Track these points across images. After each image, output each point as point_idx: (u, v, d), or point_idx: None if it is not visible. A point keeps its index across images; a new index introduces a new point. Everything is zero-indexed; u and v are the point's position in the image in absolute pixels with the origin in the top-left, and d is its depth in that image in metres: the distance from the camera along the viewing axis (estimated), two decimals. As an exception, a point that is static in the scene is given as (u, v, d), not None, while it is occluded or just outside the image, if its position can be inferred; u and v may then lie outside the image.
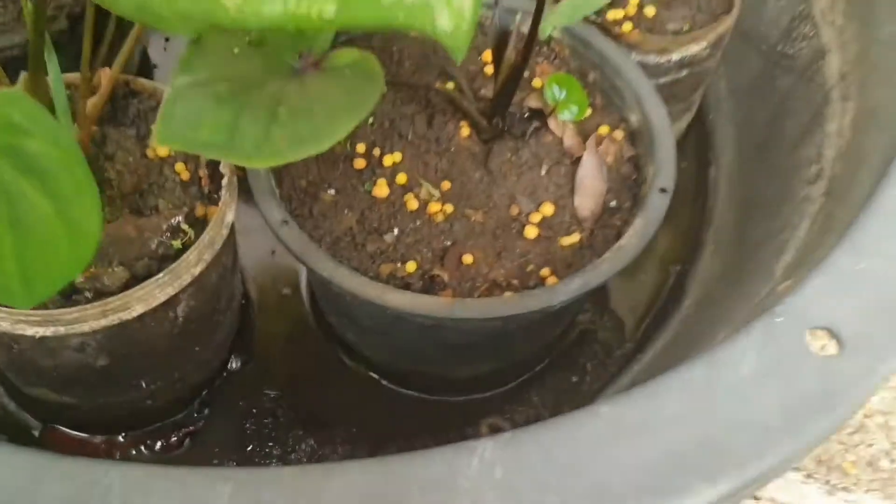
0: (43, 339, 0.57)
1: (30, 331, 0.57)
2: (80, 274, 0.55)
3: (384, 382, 0.74)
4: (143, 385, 0.67)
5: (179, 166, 0.66)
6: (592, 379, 0.77)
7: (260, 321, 0.79)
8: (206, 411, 0.73)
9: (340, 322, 0.73)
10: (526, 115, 0.70)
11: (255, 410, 0.73)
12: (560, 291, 0.59)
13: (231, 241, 0.66)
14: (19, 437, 0.71)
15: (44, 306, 0.57)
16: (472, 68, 0.75)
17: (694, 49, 0.79)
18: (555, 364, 0.77)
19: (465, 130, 0.69)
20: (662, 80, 0.80)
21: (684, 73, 0.81)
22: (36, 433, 0.71)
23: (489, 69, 0.74)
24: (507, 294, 0.61)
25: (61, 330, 0.57)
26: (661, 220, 0.64)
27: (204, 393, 0.73)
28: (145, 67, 0.91)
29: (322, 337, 0.77)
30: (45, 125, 0.42)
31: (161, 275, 0.58)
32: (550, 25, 0.63)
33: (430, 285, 0.62)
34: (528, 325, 0.65)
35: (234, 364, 0.76)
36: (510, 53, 0.64)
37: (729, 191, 0.89)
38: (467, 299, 0.59)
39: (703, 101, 0.92)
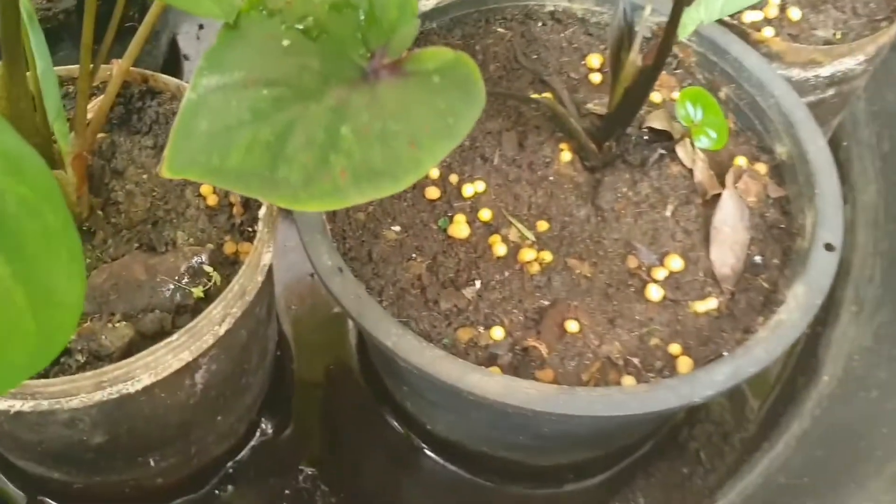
0: (18, 413, 0.44)
1: (1, 404, 0.43)
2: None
3: (449, 465, 0.59)
4: (152, 463, 0.53)
5: (206, 189, 0.52)
6: (707, 471, 0.61)
7: (298, 371, 0.64)
8: (230, 489, 0.59)
9: (397, 387, 0.58)
10: (646, 139, 0.55)
11: (287, 491, 0.59)
12: (703, 383, 0.44)
13: (268, 285, 0.52)
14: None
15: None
16: (572, 75, 0.60)
17: (848, 63, 0.63)
18: (660, 449, 0.62)
19: (567, 155, 0.55)
20: (805, 100, 0.64)
21: (831, 92, 0.65)
22: (20, 508, 0.58)
23: (595, 77, 0.60)
24: (628, 381, 0.46)
25: (43, 405, 0.43)
26: (829, 287, 0.48)
27: (228, 465, 0.59)
28: (173, 60, 0.77)
29: (373, 398, 0.63)
30: (5, 146, 0.27)
31: (175, 336, 0.44)
32: (694, 22, 0.48)
33: (522, 360, 0.47)
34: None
35: (265, 428, 0.61)
36: (635, 58, 0.49)
37: (871, 237, 0.73)
38: (577, 389, 0.44)
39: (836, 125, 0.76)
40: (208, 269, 0.48)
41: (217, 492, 0.59)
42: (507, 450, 0.56)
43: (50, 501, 0.58)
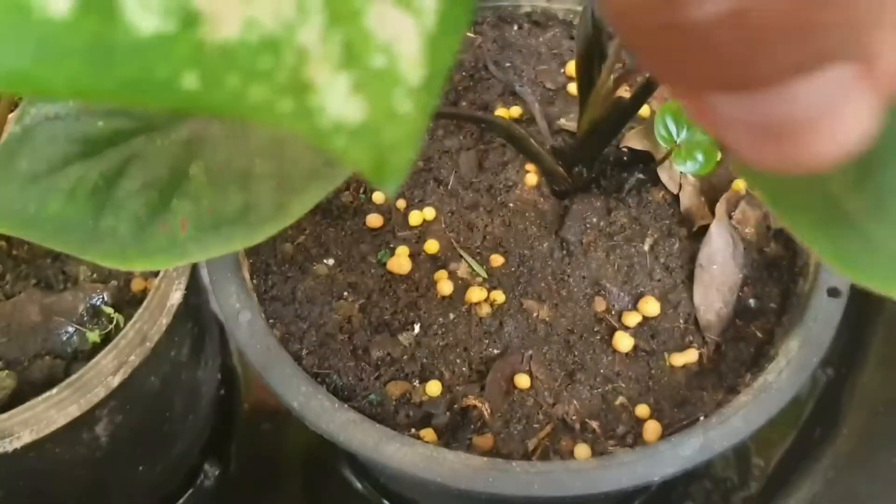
0: None
1: None
2: None
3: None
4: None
5: (118, 216, 0.46)
6: (703, 536, 0.54)
7: (248, 413, 0.59)
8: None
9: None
10: (624, 160, 0.48)
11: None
12: (665, 459, 0.37)
13: (185, 326, 0.46)
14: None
15: None
16: (548, 85, 0.53)
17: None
18: (649, 508, 0.54)
19: (533, 178, 0.48)
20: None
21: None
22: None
23: (573, 87, 0.52)
24: (582, 451, 0.39)
25: None
26: (830, 341, 0.40)
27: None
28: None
29: (327, 443, 0.56)
30: None
31: (55, 391, 0.39)
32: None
33: (461, 421, 0.40)
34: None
35: (208, 473, 0.56)
36: (606, 79, 0.42)
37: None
38: (512, 464, 0.37)
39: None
40: (108, 309, 0.42)
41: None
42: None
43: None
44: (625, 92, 0.44)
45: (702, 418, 0.40)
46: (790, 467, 0.56)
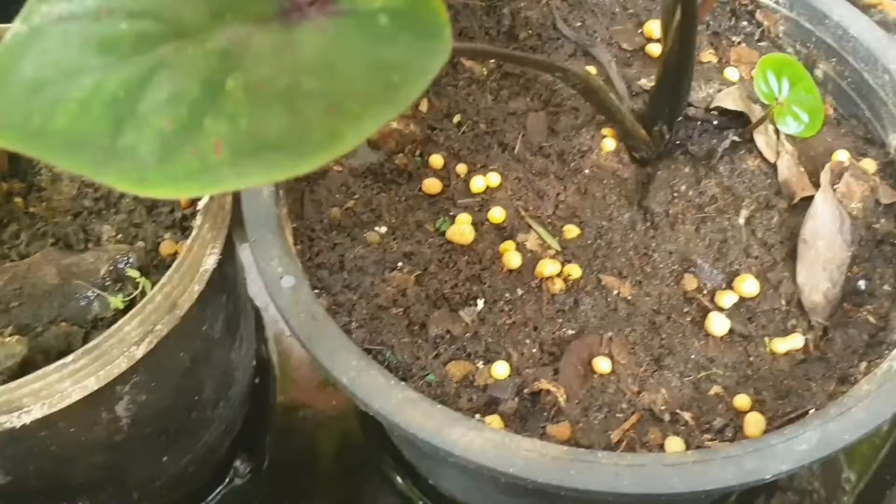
0: None
1: None
2: None
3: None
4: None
5: None
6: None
7: (283, 406, 0.54)
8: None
9: (393, 431, 0.47)
10: (715, 123, 0.43)
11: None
12: (777, 454, 0.31)
13: (220, 297, 0.41)
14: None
15: None
16: (625, 46, 0.48)
17: None
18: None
19: (611, 143, 0.42)
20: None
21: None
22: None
23: (654, 48, 0.47)
24: (674, 444, 0.34)
25: None
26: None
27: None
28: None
29: (370, 442, 0.51)
30: None
31: (70, 358, 0.34)
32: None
33: (531, 408, 0.35)
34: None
35: (237, 473, 0.51)
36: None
37: None
38: (598, 454, 0.31)
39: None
40: (134, 273, 0.38)
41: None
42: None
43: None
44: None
45: (812, 410, 0.34)
46: (885, 483, 0.50)
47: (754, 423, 0.34)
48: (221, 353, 0.44)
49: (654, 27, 0.48)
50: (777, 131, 0.42)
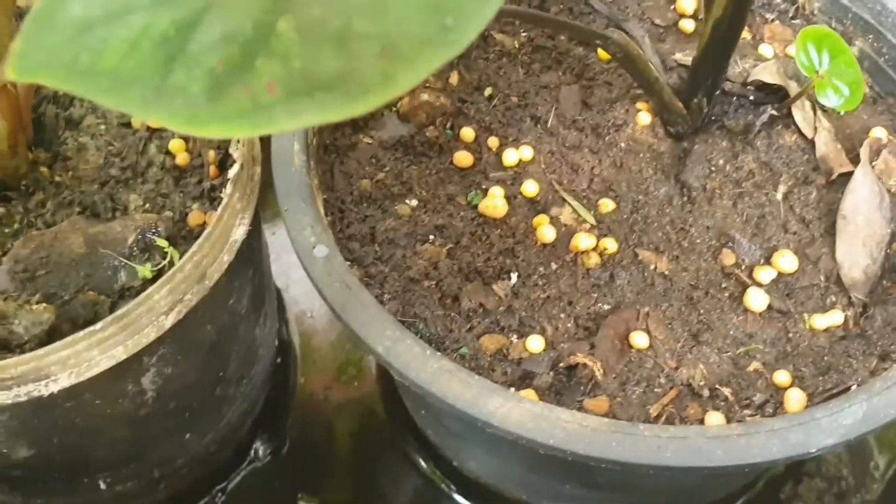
0: None
1: None
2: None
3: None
4: (102, 486, 0.43)
5: (176, 144, 0.41)
6: (819, 541, 0.47)
7: (304, 387, 0.53)
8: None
9: (417, 411, 0.46)
10: (751, 99, 0.42)
11: (279, 531, 0.47)
12: (823, 427, 0.30)
13: (247, 270, 0.41)
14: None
15: None
16: (658, 22, 0.47)
17: None
18: (756, 508, 0.48)
19: (646, 117, 0.42)
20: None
21: None
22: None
23: (687, 24, 0.46)
24: (714, 419, 0.33)
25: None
26: None
27: (209, 496, 0.48)
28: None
29: (392, 423, 0.51)
30: None
31: (99, 325, 0.33)
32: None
33: (567, 382, 0.34)
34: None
35: (257, 453, 0.50)
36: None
37: None
38: (639, 427, 0.30)
39: None
40: (162, 242, 0.37)
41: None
42: (551, 501, 0.42)
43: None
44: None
45: (854, 387, 0.34)
46: (917, 469, 0.50)
47: (795, 398, 0.34)
48: (247, 328, 0.43)
49: (686, 3, 0.47)
50: (814, 107, 0.41)
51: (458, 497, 0.48)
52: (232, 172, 0.37)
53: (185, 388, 0.40)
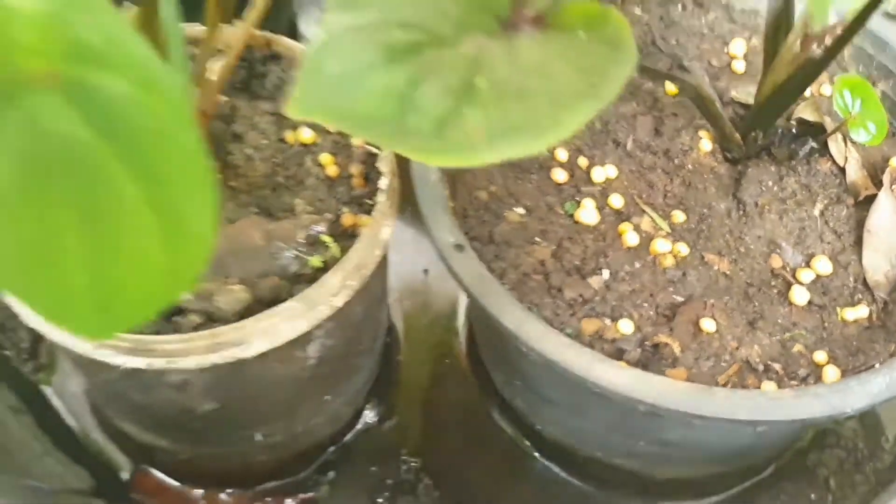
0: (133, 371, 0.43)
1: (116, 359, 0.42)
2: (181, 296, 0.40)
3: (556, 469, 0.56)
4: (257, 437, 0.52)
5: (326, 158, 0.50)
6: (836, 499, 0.56)
7: (405, 363, 0.62)
8: (331, 475, 0.57)
9: (509, 382, 0.56)
10: (794, 132, 0.51)
11: (389, 481, 0.57)
12: (856, 392, 0.40)
13: (384, 263, 0.50)
14: (106, 481, 0.57)
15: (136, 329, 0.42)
16: (713, 63, 0.56)
17: None
18: (784, 472, 0.57)
19: (707, 144, 0.51)
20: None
21: None
22: (125, 476, 0.57)
23: (738, 65, 0.56)
24: (769, 387, 0.42)
25: (157, 363, 0.42)
26: None
27: (330, 451, 0.58)
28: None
29: (480, 394, 0.60)
30: (136, 56, 0.26)
31: (292, 301, 0.43)
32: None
33: (652, 356, 0.44)
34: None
35: (369, 417, 0.59)
36: (792, 44, 0.45)
37: None
38: (716, 389, 0.40)
39: None
40: (326, 238, 0.46)
41: (318, 475, 0.57)
42: (623, 457, 0.52)
43: (154, 472, 0.57)
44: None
45: (877, 365, 0.43)
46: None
47: (831, 374, 0.43)
48: (377, 310, 0.53)
49: (736, 48, 0.56)
50: (845, 139, 0.51)
51: (539, 456, 0.57)
52: (384, 184, 0.46)
53: (335, 357, 0.49)
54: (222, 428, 0.50)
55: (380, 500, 0.56)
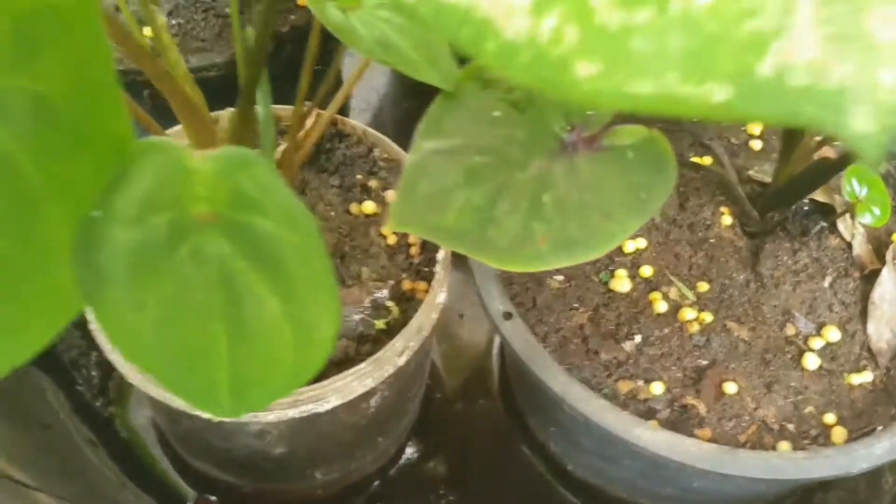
0: (220, 422, 0.48)
1: (205, 413, 0.48)
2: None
3: (584, 506, 0.62)
4: (317, 476, 0.58)
5: (387, 229, 0.56)
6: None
7: (442, 403, 0.68)
8: (376, 505, 0.63)
9: (543, 428, 0.61)
10: (806, 209, 0.57)
11: (429, 515, 0.62)
12: (860, 456, 0.45)
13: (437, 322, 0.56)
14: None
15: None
16: (732, 140, 0.62)
17: None
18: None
19: (728, 219, 0.57)
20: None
21: None
22: None
23: (755, 144, 0.61)
24: (784, 446, 0.48)
25: (243, 417, 0.47)
26: None
27: (376, 484, 0.63)
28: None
29: (513, 433, 0.65)
30: (282, 201, 0.32)
31: (363, 365, 0.48)
32: None
33: (680, 416, 0.49)
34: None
35: (410, 453, 0.65)
36: (809, 141, 0.51)
37: None
38: (738, 451, 0.46)
39: None
40: (389, 303, 0.52)
41: (363, 509, 0.63)
42: (647, 499, 0.58)
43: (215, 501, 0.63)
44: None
45: (879, 428, 0.49)
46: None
47: (839, 433, 0.49)
48: (426, 361, 0.58)
49: (754, 126, 0.62)
50: (852, 217, 0.56)
51: (566, 493, 0.63)
52: (440, 256, 0.52)
53: (389, 405, 0.55)
54: (288, 468, 0.56)
55: (422, 532, 0.61)
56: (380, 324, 0.51)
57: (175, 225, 0.31)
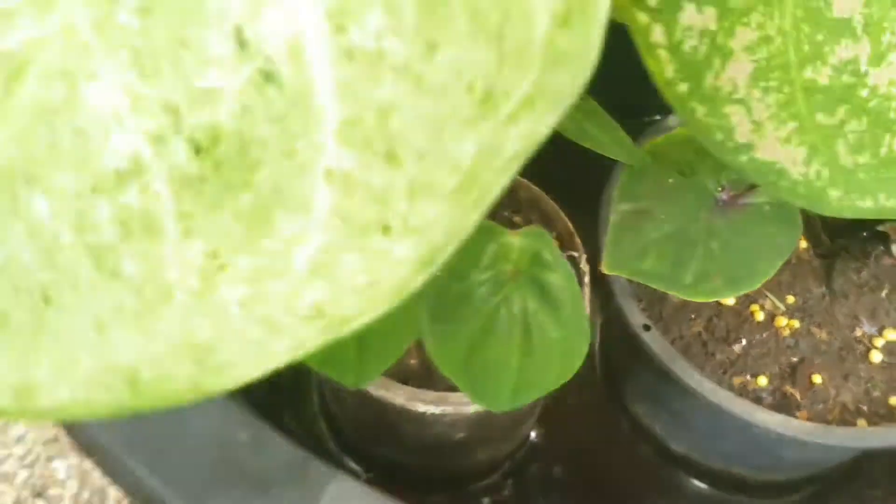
0: (423, 413, 0.62)
1: (421, 407, 0.61)
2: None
3: (682, 474, 0.76)
4: (477, 454, 0.71)
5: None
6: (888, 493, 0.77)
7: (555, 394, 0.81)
8: (508, 481, 0.76)
9: (653, 413, 0.75)
10: (865, 234, 0.71)
11: (545, 485, 0.76)
12: (926, 429, 0.60)
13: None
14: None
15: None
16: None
17: None
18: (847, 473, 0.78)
19: (803, 244, 0.71)
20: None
21: None
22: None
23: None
24: (862, 423, 0.63)
25: (449, 409, 0.61)
26: None
27: (507, 464, 0.77)
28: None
29: (616, 418, 0.80)
30: (563, 263, 0.45)
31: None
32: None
33: (782, 402, 0.64)
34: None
35: (534, 437, 0.79)
36: None
37: None
38: (835, 427, 0.60)
39: None
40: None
41: (502, 480, 0.76)
42: (739, 467, 0.72)
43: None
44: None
45: (933, 408, 0.64)
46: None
47: (902, 413, 0.63)
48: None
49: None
50: (901, 240, 0.71)
51: (666, 464, 0.77)
52: (585, 279, 0.66)
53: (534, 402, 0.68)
54: (459, 450, 0.69)
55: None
56: (544, 334, 0.65)
57: (494, 279, 0.44)
